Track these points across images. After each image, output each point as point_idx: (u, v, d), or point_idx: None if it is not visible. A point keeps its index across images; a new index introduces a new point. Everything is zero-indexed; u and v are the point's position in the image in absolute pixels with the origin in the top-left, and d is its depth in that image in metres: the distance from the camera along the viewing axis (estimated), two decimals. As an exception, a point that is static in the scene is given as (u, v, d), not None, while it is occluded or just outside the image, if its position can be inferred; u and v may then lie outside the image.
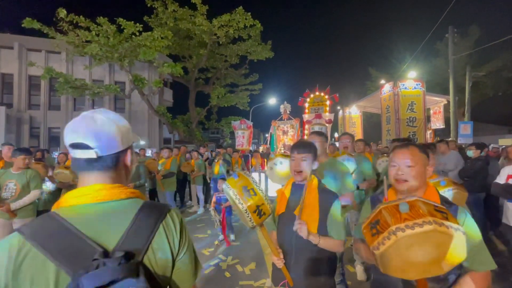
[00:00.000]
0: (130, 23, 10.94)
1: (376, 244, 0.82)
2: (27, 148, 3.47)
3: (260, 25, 13.58)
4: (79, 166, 0.70)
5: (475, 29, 17.20)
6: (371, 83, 22.85)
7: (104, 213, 0.66)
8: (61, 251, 0.56)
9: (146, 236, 0.65)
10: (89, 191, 0.67)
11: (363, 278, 3.11)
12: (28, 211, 3.22)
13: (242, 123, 10.29)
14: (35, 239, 0.57)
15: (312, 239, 1.40)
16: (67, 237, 0.59)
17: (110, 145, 0.71)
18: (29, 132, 16.76)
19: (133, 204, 0.70)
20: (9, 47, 16.41)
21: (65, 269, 0.55)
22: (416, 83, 8.72)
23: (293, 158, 1.58)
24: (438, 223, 0.76)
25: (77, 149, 0.68)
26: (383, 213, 0.86)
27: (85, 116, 0.71)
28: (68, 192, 0.68)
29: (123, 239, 0.63)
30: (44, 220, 0.62)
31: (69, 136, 0.68)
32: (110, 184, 0.71)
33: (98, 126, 0.69)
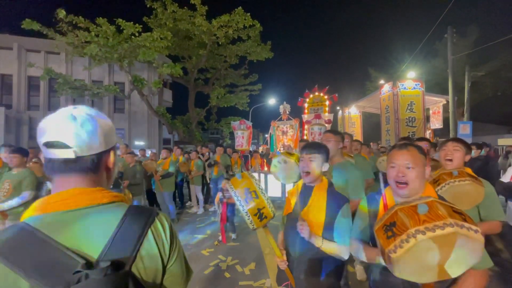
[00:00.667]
0: (130, 23, 10.95)
1: (393, 247, 0.79)
2: (22, 148, 3.43)
3: (259, 25, 13.60)
4: (55, 168, 0.63)
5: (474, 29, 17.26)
6: (370, 83, 22.91)
7: (84, 220, 0.59)
8: (35, 266, 0.50)
9: (133, 243, 0.59)
10: (67, 196, 0.60)
11: (363, 277, 3.11)
12: (19, 214, 3.04)
13: (241, 124, 10.29)
14: (2, 254, 0.50)
15: (315, 242, 1.38)
16: (43, 250, 0.52)
17: (91, 144, 0.64)
18: (28, 133, 16.74)
19: (117, 208, 0.64)
20: (9, 48, 16.41)
21: (41, 283, 0.49)
22: (415, 83, 8.74)
23: (302, 159, 1.56)
24: (459, 225, 0.75)
25: (52, 148, 0.61)
26: (400, 214, 0.83)
27: (63, 112, 0.65)
28: (42, 199, 0.61)
29: (108, 247, 0.57)
30: (12, 231, 0.54)
31: (43, 133, 0.61)
32: (90, 188, 0.64)
33: (77, 123, 0.63)
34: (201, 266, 3.55)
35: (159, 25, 13.12)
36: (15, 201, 3.07)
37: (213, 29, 12.51)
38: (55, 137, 0.61)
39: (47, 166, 0.64)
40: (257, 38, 14.61)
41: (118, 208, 0.64)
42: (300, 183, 1.63)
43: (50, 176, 0.65)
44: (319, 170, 1.52)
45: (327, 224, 1.44)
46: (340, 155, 2.38)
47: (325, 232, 1.43)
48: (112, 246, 0.57)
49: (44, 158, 0.65)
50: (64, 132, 0.61)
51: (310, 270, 1.45)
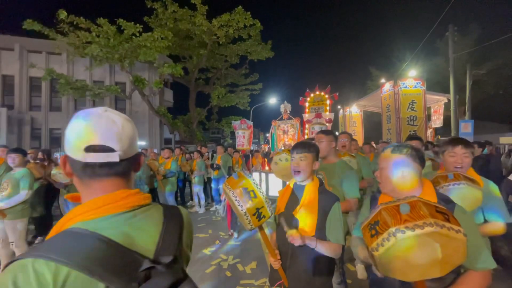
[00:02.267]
0: (130, 24, 10.98)
1: (375, 245, 0.82)
2: (20, 148, 3.48)
3: (260, 24, 13.60)
4: (95, 172, 0.61)
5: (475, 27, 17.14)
6: (371, 82, 22.84)
7: (135, 221, 0.62)
8: (105, 267, 0.51)
9: (176, 240, 0.65)
10: (116, 199, 0.61)
11: (363, 276, 3.11)
12: (17, 213, 3.15)
13: (242, 123, 10.29)
14: (72, 260, 0.49)
15: (309, 244, 1.38)
16: (107, 251, 0.53)
17: (130, 147, 0.65)
18: (30, 133, 16.81)
19: (156, 209, 0.69)
20: (10, 48, 16.47)
21: (115, 284, 0.50)
22: (416, 81, 8.71)
23: (292, 158, 1.59)
24: (439, 225, 0.76)
25: (94, 152, 0.59)
26: (383, 213, 0.85)
27: (100, 115, 0.63)
28: (86, 204, 0.60)
29: (159, 245, 0.61)
30: (71, 237, 0.54)
31: (84, 137, 0.59)
32: (130, 190, 0.65)
33: (118, 126, 0.63)
34: (202, 265, 3.56)
35: (159, 25, 13.14)
36: (12, 200, 3.11)
37: (214, 29, 12.52)
38: (98, 141, 0.60)
39: (83, 170, 0.61)
40: (257, 37, 14.61)
41: (156, 209, 0.69)
42: (292, 182, 1.65)
43: (82, 180, 0.62)
44: (310, 169, 1.55)
45: (319, 222, 1.46)
46: (334, 154, 2.38)
47: (318, 230, 1.45)
48: (162, 244, 0.62)
49: (70, 161, 0.62)
50: (108, 135, 0.61)
51: (303, 270, 1.47)
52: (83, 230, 0.55)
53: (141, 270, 0.53)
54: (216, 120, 18.69)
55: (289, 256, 1.49)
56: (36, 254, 0.50)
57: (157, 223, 0.65)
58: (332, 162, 2.34)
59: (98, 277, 0.49)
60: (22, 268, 0.48)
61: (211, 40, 13.25)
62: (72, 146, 0.60)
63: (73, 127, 0.60)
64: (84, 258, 0.50)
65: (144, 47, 11.17)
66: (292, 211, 1.51)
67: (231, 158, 6.70)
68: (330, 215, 1.47)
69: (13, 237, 3.18)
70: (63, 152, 7.48)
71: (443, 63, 16.73)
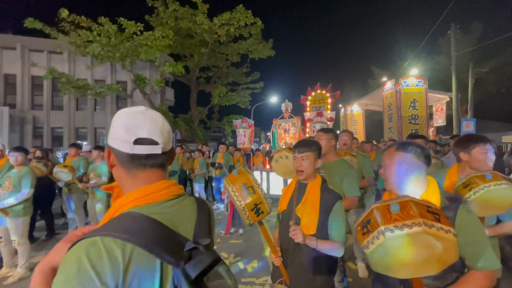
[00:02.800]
0: (131, 22, 10.98)
1: (366, 243, 0.84)
2: (22, 147, 3.49)
3: (261, 23, 13.57)
4: (140, 163, 0.68)
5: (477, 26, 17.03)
6: (372, 81, 22.77)
7: (177, 208, 0.70)
8: (161, 246, 0.58)
9: (207, 228, 0.74)
10: (160, 188, 0.68)
11: (365, 275, 3.12)
12: (19, 211, 3.18)
13: (243, 122, 10.29)
14: (135, 238, 0.56)
15: (310, 243, 1.39)
16: (159, 232, 0.61)
17: (169, 142, 0.74)
18: (32, 132, 16.88)
19: (190, 199, 0.77)
20: (12, 47, 16.52)
21: (168, 261, 0.57)
22: (418, 80, 8.67)
23: (294, 157, 1.59)
24: (428, 225, 0.77)
25: (141, 145, 0.67)
26: (374, 212, 0.87)
27: (144, 113, 0.70)
28: (136, 191, 0.66)
29: (196, 231, 0.69)
30: (130, 219, 0.61)
31: (132, 131, 0.66)
32: (169, 180, 0.73)
33: (159, 123, 0.71)
34: (203, 263, 3.58)
35: (160, 23, 13.13)
36: (14, 198, 3.13)
37: (215, 27, 12.51)
38: (146, 134, 0.67)
39: (131, 161, 0.68)
40: (258, 36, 14.58)
41: (190, 199, 0.77)
42: (294, 180, 1.65)
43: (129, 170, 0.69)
44: (312, 168, 1.55)
45: (321, 221, 1.46)
46: (334, 153, 2.38)
47: (319, 228, 1.45)
48: (198, 230, 0.70)
49: (126, 153, 0.68)
50: (154, 130, 0.69)
51: (304, 267, 1.47)
52: (138, 214, 0.62)
53: (186, 250, 0.60)
54: (217, 119, 18.70)
55: (290, 254, 1.50)
56: (102, 233, 0.56)
57: (193, 211, 0.74)
58: (332, 160, 2.34)
59: (156, 254, 0.56)
60: (92, 244, 0.54)
61: (212, 39, 13.24)
62: (121, 139, 0.67)
63: (121, 122, 0.68)
64: (144, 237, 0.57)
65: (145, 46, 11.18)
66: (294, 209, 1.51)
67: (232, 157, 6.70)
68: (332, 213, 1.47)
69: (16, 235, 3.20)
70: (65, 150, 7.48)
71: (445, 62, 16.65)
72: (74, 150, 4.58)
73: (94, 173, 4.12)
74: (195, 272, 0.57)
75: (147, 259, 0.56)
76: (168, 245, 0.59)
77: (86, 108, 18.02)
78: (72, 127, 17.65)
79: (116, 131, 0.67)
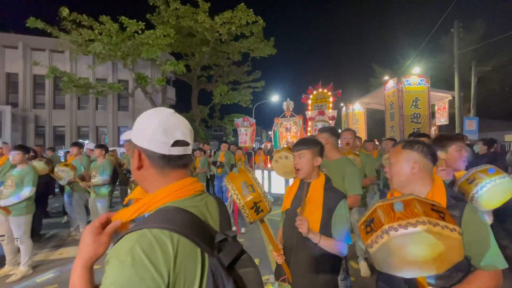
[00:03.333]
0: (133, 21, 10.97)
1: (369, 242, 0.83)
2: (23, 145, 3.50)
3: (262, 21, 13.50)
4: (175, 163, 0.72)
5: (480, 24, 16.89)
6: (374, 80, 22.66)
7: (203, 203, 0.74)
8: (200, 236, 0.61)
9: (229, 221, 0.81)
10: (187, 184, 0.72)
11: (367, 274, 3.11)
12: (21, 209, 3.18)
13: (245, 121, 10.29)
14: (180, 229, 0.59)
15: (312, 237, 1.38)
16: (196, 224, 0.64)
17: (192, 143, 0.78)
18: (34, 130, 16.95)
19: (209, 195, 0.80)
20: (14, 46, 16.57)
21: (206, 250, 0.61)
22: (420, 79, 8.62)
23: (293, 156, 1.61)
24: (432, 223, 0.75)
25: (176, 146, 0.70)
26: (378, 211, 0.86)
27: (174, 116, 0.73)
28: (167, 188, 0.69)
29: (220, 224, 0.75)
30: (170, 212, 0.64)
31: (172, 133, 0.70)
32: (193, 177, 0.77)
33: (188, 125, 0.75)
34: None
35: (162, 22, 13.11)
36: (16, 197, 3.14)
37: (216, 26, 12.48)
38: (181, 136, 0.71)
39: (164, 161, 0.70)
40: (260, 35, 14.52)
41: (209, 195, 0.80)
42: (298, 179, 1.65)
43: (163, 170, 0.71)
44: (309, 165, 1.54)
45: (324, 220, 1.45)
46: (336, 151, 2.37)
47: (322, 228, 1.44)
48: (221, 224, 0.76)
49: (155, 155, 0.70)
50: (185, 132, 0.73)
51: (307, 265, 1.47)
52: (176, 208, 0.65)
53: (217, 241, 0.64)
54: (219, 118, 18.70)
55: (294, 252, 1.49)
56: (148, 225, 0.58)
57: (216, 207, 0.78)
58: (334, 159, 2.33)
59: (197, 243, 0.59)
60: (142, 235, 0.55)
61: (214, 38, 13.21)
62: (159, 141, 0.68)
63: (158, 126, 0.69)
64: (187, 228, 0.60)
65: (147, 45, 11.17)
66: (297, 208, 1.50)
67: (234, 156, 6.70)
68: (335, 213, 1.46)
69: (18, 233, 3.21)
70: (67, 149, 7.54)
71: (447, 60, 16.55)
72: (76, 149, 4.59)
73: (96, 172, 4.13)
74: (228, 260, 0.62)
75: (191, 248, 0.59)
76: (205, 236, 0.63)
77: (87, 107, 18.08)
78: (74, 126, 17.71)
79: (152, 133, 0.68)
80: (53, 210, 6.46)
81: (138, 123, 0.72)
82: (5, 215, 3.17)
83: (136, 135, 0.71)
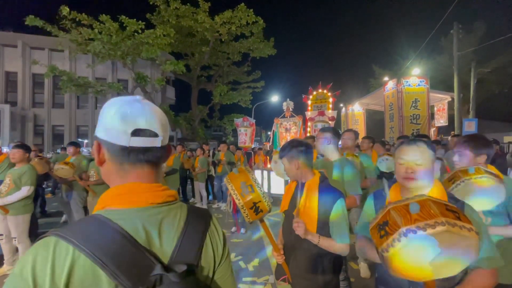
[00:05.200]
0: (133, 20, 10.96)
1: (385, 246, 0.79)
2: (25, 144, 3.47)
3: (262, 21, 13.51)
4: (136, 157, 0.59)
5: (480, 25, 16.95)
6: (374, 80, 22.70)
7: (157, 219, 0.58)
8: (118, 262, 0.49)
9: (197, 248, 0.60)
10: (144, 190, 0.59)
11: (366, 275, 3.11)
12: (19, 208, 3.16)
13: (244, 121, 10.29)
14: (86, 246, 0.49)
15: (311, 239, 1.37)
16: (123, 246, 0.51)
17: (167, 135, 0.64)
18: (33, 129, 16.92)
19: (179, 209, 0.64)
20: (13, 45, 16.54)
21: (124, 284, 0.48)
22: (420, 80, 8.65)
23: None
24: (451, 224, 0.74)
25: (139, 136, 0.58)
26: (392, 213, 0.83)
27: (141, 101, 0.61)
28: (115, 188, 0.59)
29: (177, 251, 0.57)
30: (93, 224, 0.53)
31: (131, 121, 0.57)
32: (157, 183, 0.64)
33: (158, 113, 0.62)
34: (204, 262, 3.57)
35: (162, 22, 13.11)
36: (14, 196, 3.12)
37: (216, 26, 12.48)
38: (145, 125, 0.59)
39: (123, 154, 0.59)
40: (260, 35, 14.54)
41: (180, 209, 0.64)
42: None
43: (122, 165, 0.60)
44: (291, 170, 1.54)
45: (320, 220, 1.43)
46: (335, 151, 2.37)
47: (320, 228, 1.43)
48: (180, 250, 0.58)
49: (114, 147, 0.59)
50: (152, 121, 0.60)
51: (306, 266, 1.46)
52: (107, 220, 0.53)
53: (152, 275, 0.50)
54: (218, 118, 18.69)
55: (293, 252, 1.49)
56: (61, 234, 0.50)
57: (178, 225, 0.60)
58: (333, 159, 2.33)
59: (109, 272, 0.48)
60: (45, 245, 0.49)
61: (214, 37, 13.21)
62: (116, 130, 0.57)
63: (116, 112, 0.57)
64: (103, 249, 0.49)
65: (147, 44, 11.17)
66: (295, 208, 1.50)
67: (233, 156, 6.71)
68: (332, 213, 1.43)
69: (16, 233, 3.19)
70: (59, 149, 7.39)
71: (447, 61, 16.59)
72: (73, 148, 4.56)
73: (95, 171, 4.11)
74: None
75: (98, 277, 0.48)
76: (129, 265, 0.50)
77: (87, 106, 18.04)
78: (73, 125, 17.68)
79: (110, 121, 0.57)
80: (52, 209, 6.43)
81: (100, 111, 0.60)
82: (3, 214, 3.15)
83: (97, 126, 0.61)
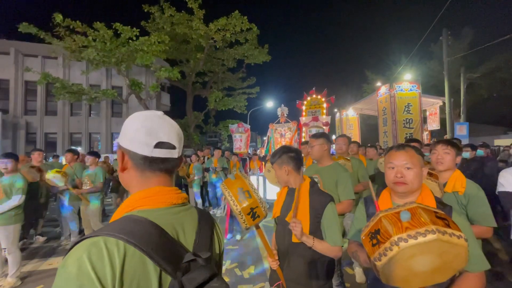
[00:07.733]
0: (127, 27, 10.96)
1: (377, 255, 0.79)
2: (12, 153, 3.43)
3: (256, 28, 13.65)
4: (157, 166, 0.69)
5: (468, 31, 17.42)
6: (367, 86, 23.02)
7: (179, 217, 0.69)
8: (159, 252, 0.56)
9: (209, 241, 0.72)
10: (163, 192, 0.68)
11: (362, 280, 3.10)
12: (10, 218, 3.10)
13: (239, 127, 10.32)
14: (134, 240, 0.55)
15: (306, 241, 1.39)
16: (161, 239, 0.59)
17: (181, 147, 0.74)
18: (25, 137, 16.65)
19: (192, 209, 0.75)
20: (5, 52, 16.37)
21: (166, 269, 0.56)
22: (412, 85, 8.81)
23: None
24: (441, 232, 0.74)
25: (160, 148, 0.67)
26: (383, 222, 0.83)
27: (162, 118, 0.71)
28: (142, 191, 0.67)
29: (196, 243, 0.68)
30: (132, 222, 0.60)
31: (154, 134, 0.67)
32: (174, 187, 0.73)
33: (176, 128, 0.72)
34: (199, 270, 3.52)
35: (156, 29, 13.13)
36: (5, 205, 3.07)
37: (211, 33, 12.55)
38: (165, 138, 0.68)
39: (144, 163, 0.68)
40: (254, 41, 14.66)
41: (192, 209, 0.75)
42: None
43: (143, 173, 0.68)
44: (281, 176, 1.61)
45: (313, 225, 1.46)
46: (328, 157, 2.39)
47: (313, 234, 1.44)
48: (198, 242, 0.68)
49: (137, 156, 0.67)
50: (173, 134, 0.70)
51: (300, 271, 1.47)
52: (142, 218, 0.61)
53: (184, 262, 0.58)
54: (213, 124, 18.66)
55: (287, 257, 1.50)
56: (105, 233, 0.55)
57: (194, 222, 0.72)
58: (326, 165, 2.35)
59: (155, 260, 0.55)
60: (94, 244, 0.53)
61: (208, 44, 13.28)
62: (141, 142, 0.66)
63: (141, 125, 0.67)
64: (146, 242, 0.56)
65: (141, 51, 11.15)
66: (287, 214, 1.52)
67: (229, 162, 6.69)
68: (324, 217, 1.47)
69: (6, 243, 3.12)
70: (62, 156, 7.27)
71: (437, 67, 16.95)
72: (70, 155, 4.50)
73: (89, 179, 4.07)
74: (192, 285, 0.55)
75: (146, 265, 0.55)
76: (168, 254, 0.58)
77: (80, 113, 17.87)
78: (66, 133, 17.46)
79: (136, 133, 0.66)
80: (45, 219, 6.29)
81: (124, 124, 0.70)
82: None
83: (121, 136, 0.70)
